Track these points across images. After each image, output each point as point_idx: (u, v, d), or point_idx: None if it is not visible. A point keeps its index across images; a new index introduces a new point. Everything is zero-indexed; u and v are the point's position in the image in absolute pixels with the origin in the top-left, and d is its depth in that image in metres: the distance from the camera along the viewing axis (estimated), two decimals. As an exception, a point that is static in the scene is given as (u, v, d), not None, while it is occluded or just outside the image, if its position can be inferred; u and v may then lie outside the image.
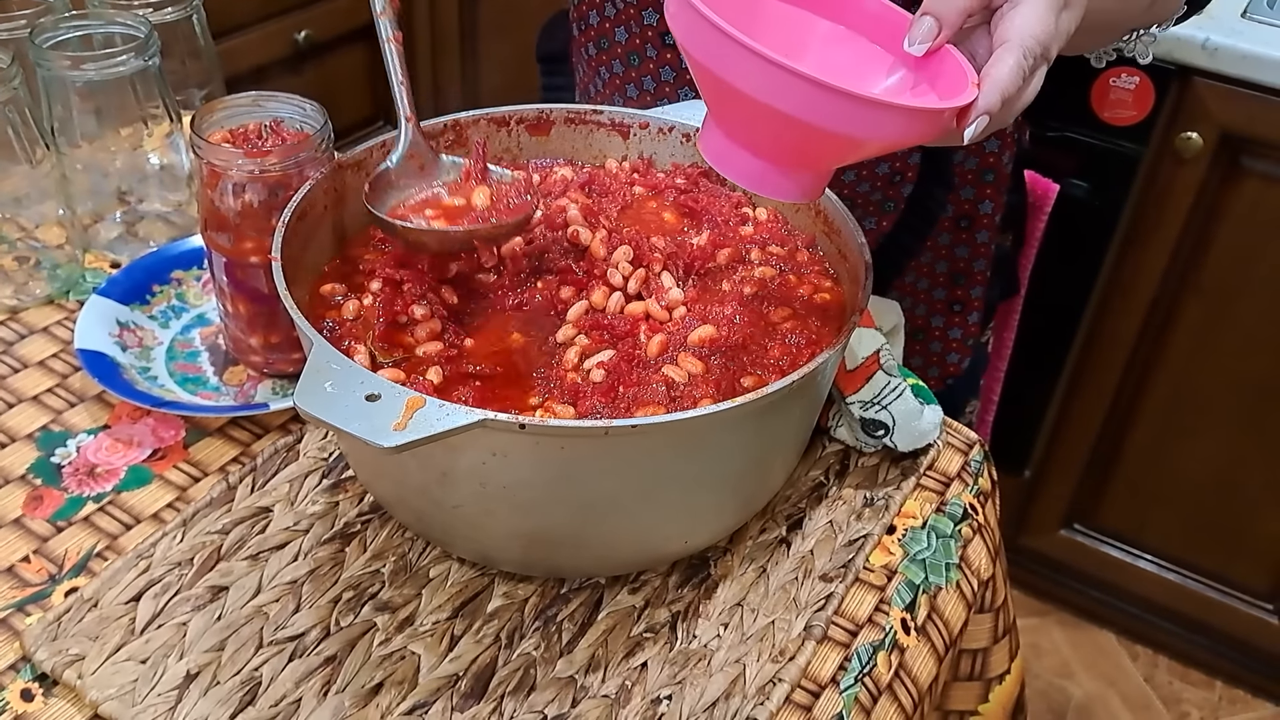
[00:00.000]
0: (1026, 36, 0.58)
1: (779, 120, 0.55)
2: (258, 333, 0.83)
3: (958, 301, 1.05)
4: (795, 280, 0.74)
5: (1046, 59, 0.60)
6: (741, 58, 0.53)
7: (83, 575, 0.71)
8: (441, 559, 0.72)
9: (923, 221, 0.99)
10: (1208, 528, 1.75)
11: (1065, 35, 0.61)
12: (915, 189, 0.97)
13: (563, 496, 0.62)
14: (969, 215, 1.00)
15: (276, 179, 0.76)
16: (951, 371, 1.10)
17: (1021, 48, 0.58)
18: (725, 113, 0.59)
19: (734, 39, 0.53)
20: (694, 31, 0.55)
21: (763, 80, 0.53)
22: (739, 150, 0.59)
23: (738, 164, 0.60)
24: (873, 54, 0.64)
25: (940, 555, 0.77)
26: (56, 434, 0.81)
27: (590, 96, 1.07)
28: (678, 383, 0.65)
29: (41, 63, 0.89)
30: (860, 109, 0.54)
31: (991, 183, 0.99)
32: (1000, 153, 0.98)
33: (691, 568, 0.73)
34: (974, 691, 0.84)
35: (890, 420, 0.78)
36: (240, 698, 0.64)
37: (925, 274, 1.03)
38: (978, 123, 0.57)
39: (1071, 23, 0.61)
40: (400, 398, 0.55)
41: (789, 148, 0.58)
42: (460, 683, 0.65)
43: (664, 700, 0.65)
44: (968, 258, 1.02)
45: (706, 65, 0.55)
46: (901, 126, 0.56)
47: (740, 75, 0.54)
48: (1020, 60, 0.58)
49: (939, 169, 0.96)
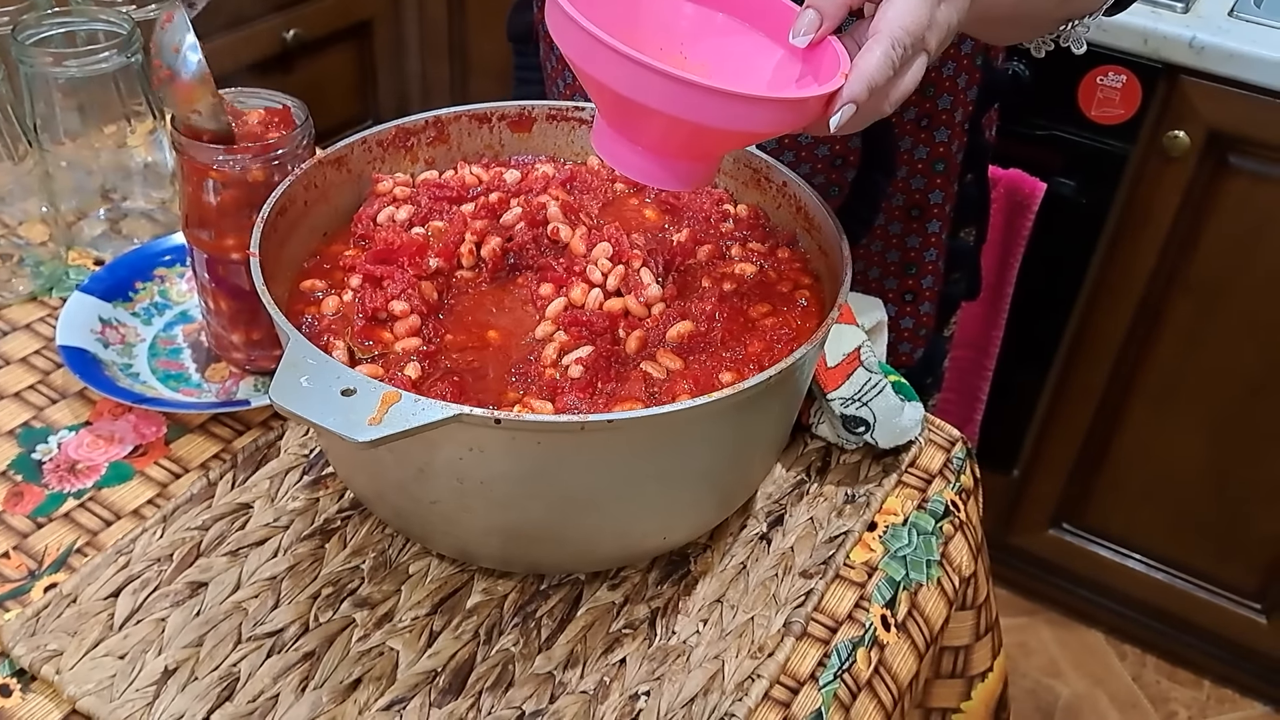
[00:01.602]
0: (896, 27, 0.59)
1: (650, 115, 0.57)
2: (239, 329, 0.83)
3: (909, 291, 1.05)
4: (775, 276, 0.74)
5: (924, 49, 0.61)
6: (609, 58, 0.56)
7: (62, 571, 0.71)
8: (421, 555, 0.72)
9: (868, 208, 0.99)
10: (1196, 527, 1.76)
11: (946, 27, 0.62)
12: (857, 175, 0.97)
13: (540, 492, 0.62)
14: (919, 205, 1.00)
15: (257, 175, 0.76)
16: (903, 362, 1.10)
17: (890, 38, 0.59)
18: (607, 110, 0.61)
19: (596, 38, 0.55)
20: (567, 35, 0.57)
21: (630, 79, 0.56)
22: (625, 144, 0.62)
23: (625, 157, 0.62)
24: (762, 45, 0.66)
25: (921, 552, 0.77)
26: (38, 430, 0.80)
27: (547, 72, 1.07)
28: (656, 379, 0.65)
29: (24, 60, 0.89)
30: (723, 102, 0.56)
31: (942, 172, 0.99)
32: (949, 142, 0.98)
33: (672, 564, 0.73)
34: (956, 689, 0.84)
35: (871, 417, 0.78)
36: (218, 693, 0.64)
37: (876, 263, 1.03)
38: (843, 111, 0.59)
39: (953, 14, 0.62)
40: (376, 392, 0.55)
41: (667, 140, 0.60)
42: (439, 678, 0.65)
43: (642, 696, 0.65)
44: (919, 248, 1.03)
45: (580, 66, 0.58)
46: (767, 116, 0.58)
47: (610, 74, 0.56)
48: (888, 51, 0.59)
49: (879, 154, 0.96)
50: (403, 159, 0.80)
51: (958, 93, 0.96)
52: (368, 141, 0.77)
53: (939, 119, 0.96)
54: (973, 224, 1.09)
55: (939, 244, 1.03)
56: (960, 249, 1.08)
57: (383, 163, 0.79)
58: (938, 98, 0.95)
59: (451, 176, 0.80)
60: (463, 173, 0.80)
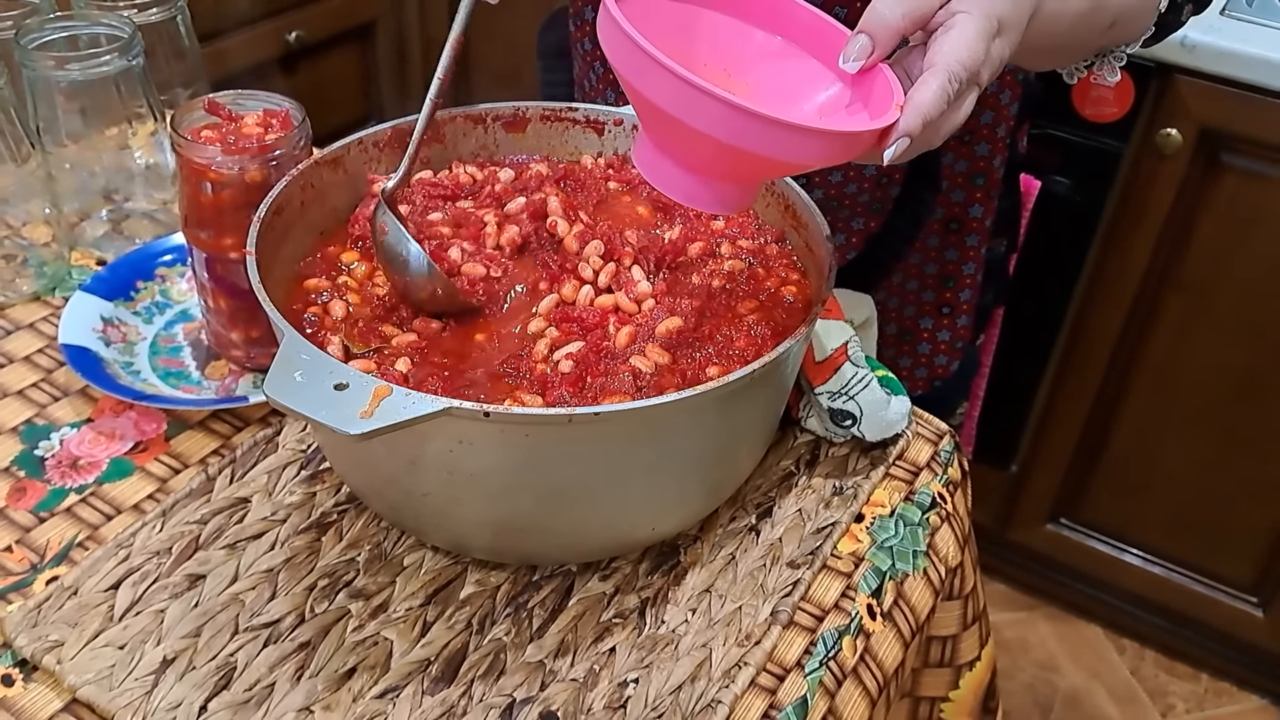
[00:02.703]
0: (954, 61, 0.59)
1: (700, 138, 0.55)
2: (239, 327, 0.84)
3: (946, 304, 1.06)
4: (763, 273, 0.76)
5: (977, 83, 0.61)
6: (662, 77, 0.54)
7: (64, 565, 0.73)
8: (415, 548, 0.74)
9: (910, 224, 1.00)
10: (1191, 521, 1.77)
11: (999, 61, 0.62)
12: (902, 191, 0.98)
13: (529, 484, 0.63)
14: (959, 219, 1.01)
15: (255, 176, 0.77)
16: (939, 374, 1.11)
17: (947, 72, 0.59)
18: (653, 127, 0.60)
19: (654, 59, 0.54)
20: (619, 48, 0.56)
21: (681, 100, 0.54)
22: (667, 163, 0.60)
23: (666, 176, 0.61)
24: (811, 69, 0.64)
25: (908, 543, 0.78)
26: (40, 427, 0.82)
27: (585, 91, 1.08)
28: (644, 373, 0.66)
29: (27, 63, 0.90)
30: (776, 131, 0.54)
31: (982, 186, 1.00)
32: (991, 156, 0.99)
33: (661, 555, 0.75)
34: (944, 678, 0.85)
35: (858, 410, 0.79)
36: (215, 682, 0.65)
37: (915, 275, 1.04)
38: (898, 144, 0.58)
39: (1005, 49, 0.62)
40: (368, 387, 0.56)
41: (712, 163, 0.59)
42: (431, 667, 0.67)
43: (630, 684, 0.67)
44: (957, 260, 1.03)
45: (630, 81, 0.56)
46: (819, 149, 0.57)
47: (661, 94, 0.55)
48: (945, 85, 0.58)
49: (926, 171, 0.97)
50: (398, 159, 0.81)
51: (1000, 108, 0.96)
52: (364, 142, 0.79)
53: (980, 133, 0.97)
54: (1004, 234, 1.10)
55: (977, 258, 1.03)
56: (993, 258, 1.09)
57: (379, 163, 0.80)
58: (980, 113, 0.95)
59: (446, 176, 0.81)
60: (457, 172, 0.82)
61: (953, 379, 1.12)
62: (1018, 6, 0.63)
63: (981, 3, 0.61)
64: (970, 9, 0.60)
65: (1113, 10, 0.76)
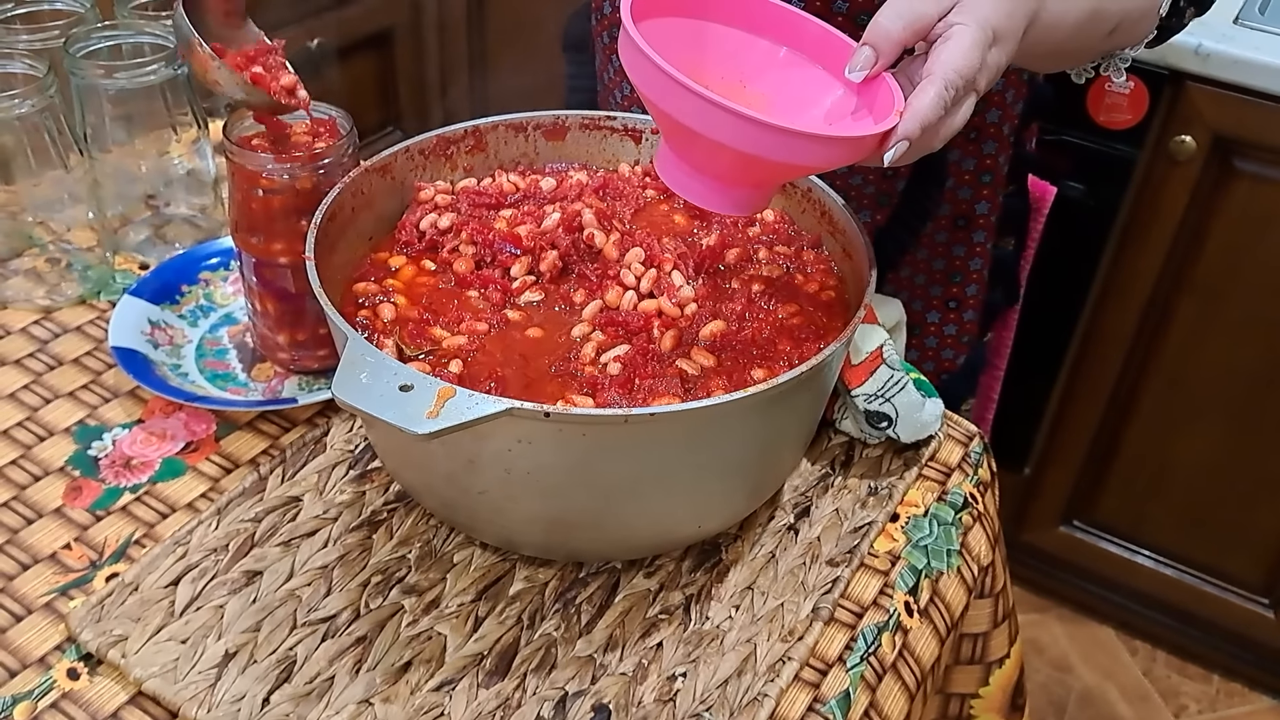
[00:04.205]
0: (950, 70, 0.63)
1: (715, 147, 0.60)
2: (285, 330, 0.86)
3: (953, 299, 1.09)
4: (802, 278, 0.78)
5: (974, 90, 0.65)
6: (675, 90, 0.59)
7: (122, 561, 0.75)
8: (465, 545, 0.76)
9: (917, 217, 1.02)
10: (1204, 523, 1.78)
11: (995, 69, 0.66)
12: (908, 185, 1.00)
13: (583, 481, 0.65)
14: (966, 215, 1.03)
15: (304, 183, 0.79)
16: (946, 367, 1.13)
17: (944, 80, 0.63)
18: (674, 139, 0.65)
19: (667, 73, 0.58)
20: (640, 69, 0.60)
21: (695, 111, 0.59)
22: (689, 171, 0.65)
23: (688, 183, 0.66)
24: (818, 78, 0.69)
25: (942, 541, 0.80)
26: (93, 428, 0.84)
27: (604, 83, 1.10)
28: (691, 375, 0.68)
29: (75, 72, 0.92)
30: (787, 139, 0.59)
31: (989, 184, 1.02)
32: (997, 155, 1.01)
33: (704, 553, 0.76)
34: (975, 675, 0.87)
35: (893, 412, 0.81)
36: (276, 675, 0.67)
37: (922, 270, 1.06)
38: (897, 147, 0.63)
39: (1002, 57, 0.66)
40: (432, 388, 0.58)
41: (730, 170, 0.64)
42: (485, 661, 0.69)
43: (679, 677, 0.69)
44: (964, 256, 1.06)
45: (650, 98, 0.61)
46: (827, 153, 0.62)
47: (679, 108, 0.60)
48: (941, 92, 0.63)
49: (931, 166, 0.99)
50: (443, 167, 0.83)
51: (1005, 107, 0.99)
52: (410, 150, 0.81)
53: (987, 132, 0.99)
54: (1012, 233, 1.12)
55: (984, 253, 1.06)
56: (1001, 257, 1.11)
57: (424, 170, 0.82)
58: (986, 112, 0.98)
59: (490, 184, 0.83)
60: (500, 180, 0.84)
61: (959, 373, 1.14)
62: (1012, 18, 0.67)
63: (977, 15, 0.65)
64: (967, 20, 0.64)
65: (1113, 17, 0.79)
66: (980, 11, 0.65)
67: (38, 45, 0.96)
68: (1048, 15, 0.71)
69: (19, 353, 0.90)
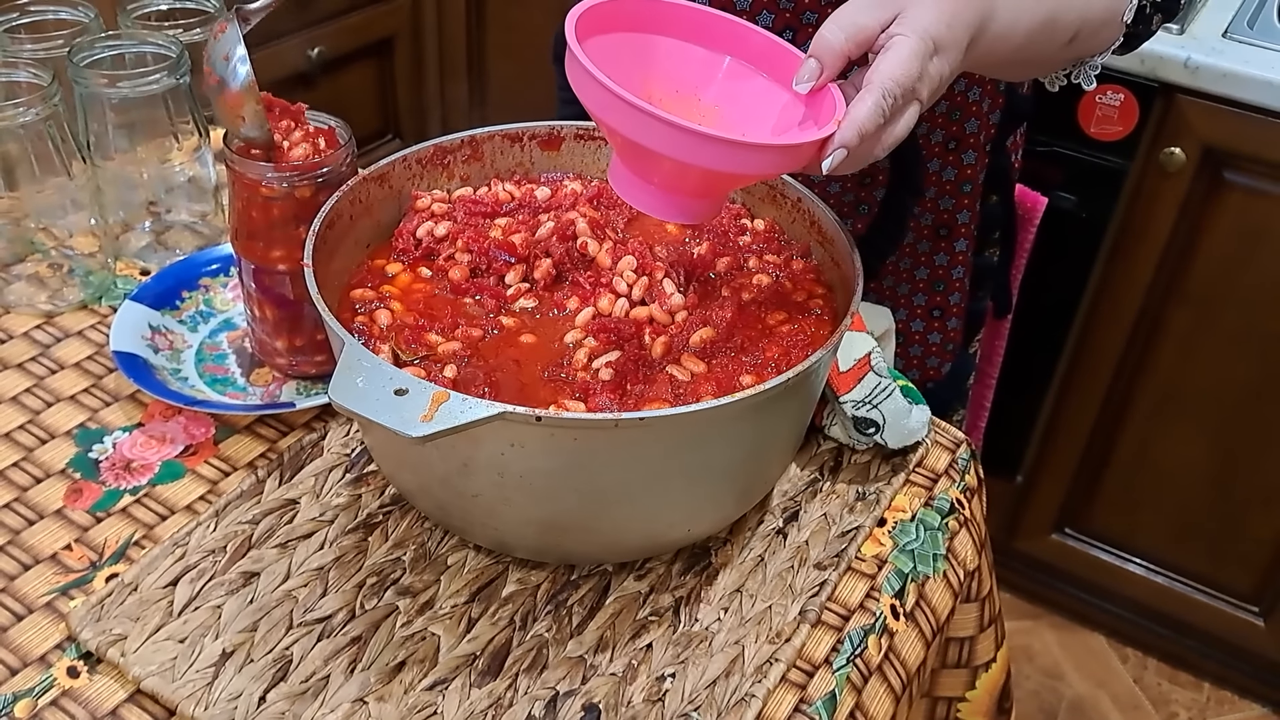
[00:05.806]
0: (888, 79, 0.65)
1: (660, 158, 0.63)
2: (283, 336, 0.88)
3: (937, 307, 1.10)
4: (791, 286, 0.79)
5: (917, 99, 0.67)
6: (618, 106, 0.61)
7: (122, 562, 0.76)
8: (459, 547, 0.77)
9: (895, 226, 1.03)
10: (1195, 531, 1.80)
11: (938, 78, 0.68)
12: (887, 194, 1.02)
13: (574, 485, 0.67)
14: (948, 224, 1.05)
15: (304, 192, 0.81)
16: (931, 375, 1.14)
17: (881, 89, 0.64)
18: (621, 151, 0.67)
19: (610, 90, 0.61)
20: (582, 84, 0.63)
21: (638, 125, 0.62)
22: (639, 182, 0.68)
23: (638, 194, 0.68)
24: (769, 89, 0.72)
25: (928, 546, 0.81)
26: (93, 431, 0.85)
27: None
28: (681, 381, 0.70)
29: (79, 81, 0.94)
30: (724, 148, 0.62)
31: (968, 193, 1.04)
32: (976, 164, 1.03)
33: (694, 556, 0.78)
34: (961, 678, 0.88)
35: (881, 419, 0.83)
36: (273, 674, 0.68)
37: (905, 279, 1.08)
38: (834, 155, 0.65)
39: (945, 66, 0.68)
40: (426, 392, 0.60)
41: (675, 180, 0.66)
42: (478, 661, 0.70)
43: (668, 678, 0.70)
44: (947, 265, 1.07)
45: (594, 112, 0.64)
46: (764, 161, 0.64)
47: (622, 122, 0.62)
48: (879, 101, 0.64)
49: (906, 174, 1.01)
50: (440, 176, 0.85)
51: (982, 116, 1.00)
52: (408, 159, 0.82)
53: (966, 142, 1.01)
54: (997, 243, 1.13)
55: (965, 262, 1.08)
56: (985, 266, 1.13)
57: (421, 179, 0.84)
58: (964, 121, 1.00)
59: (486, 193, 0.84)
60: (496, 189, 0.85)
61: (945, 381, 1.16)
62: (953, 29, 0.68)
63: (917, 26, 0.66)
64: (906, 31, 0.66)
65: (1070, 25, 0.80)
66: (920, 23, 0.66)
67: (42, 54, 0.98)
68: (997, 25, 0.72)
69: (21, 357, 0.92)
